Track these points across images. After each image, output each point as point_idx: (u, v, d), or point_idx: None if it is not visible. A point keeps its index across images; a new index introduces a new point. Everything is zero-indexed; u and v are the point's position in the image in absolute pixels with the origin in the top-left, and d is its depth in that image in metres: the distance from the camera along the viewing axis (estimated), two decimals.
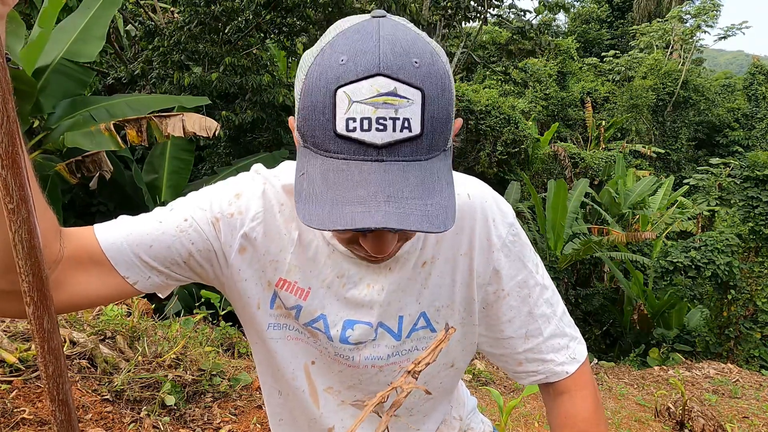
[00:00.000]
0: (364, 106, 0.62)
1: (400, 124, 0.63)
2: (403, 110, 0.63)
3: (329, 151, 0.66)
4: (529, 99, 22.46)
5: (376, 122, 0.62)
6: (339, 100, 0.63)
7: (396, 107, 0.63)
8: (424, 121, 0.64)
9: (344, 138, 0.64)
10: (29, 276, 0.48)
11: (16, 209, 0.46)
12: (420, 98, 0.64)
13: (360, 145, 0.64)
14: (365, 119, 0.62)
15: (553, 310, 0.96)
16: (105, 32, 6.65)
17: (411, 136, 0.64)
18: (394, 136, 0.63)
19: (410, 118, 0.63)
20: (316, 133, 0.66)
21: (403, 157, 0.65)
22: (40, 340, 0.49)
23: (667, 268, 10.17)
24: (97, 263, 0.80)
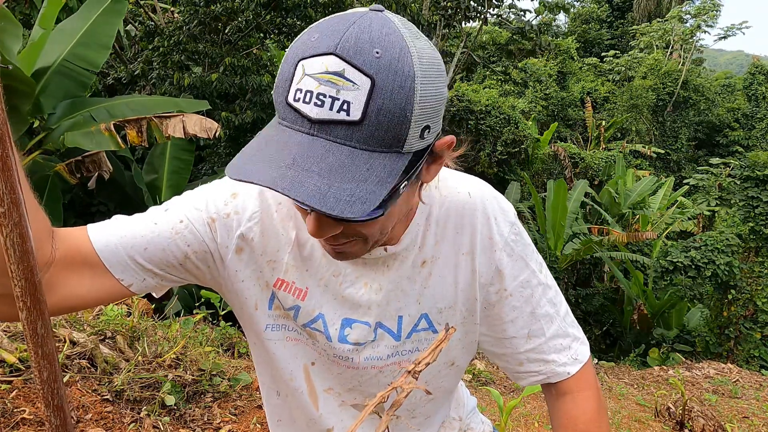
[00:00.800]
0: (311, 80, 0.64)
1: (338, 105, 0.63)
2: (345, 92, 0.63)
3: (281, 119, 0.68)
4: (529, 99, 22.46)
5: (316, 97, 0.64)
6: (297, 71, 0.65)
7: (338, 87, 0.63)
8: (367, 110, 0.63)
9: (290, 107, 0.66)
10: (22, 280, 0.48)
11: (7, 213, 0.45)
12: (369, 87, 0.63)
13: (298, 115, 0.65)
14: (308, 92, 0.64)
15: (556, 310, 0.96)
16: (111, 43, 6.66)
17: (347, 119, 0.63)
18: (329, 114, 0.63)
19: (351, 102, 0.63)
20: (278, 99, 0.68)
21: (335, 138, 0.64)
22: (33, 345, 0.49)
23: (666, 268, 10.17)
24: (91, 265, 0.79)
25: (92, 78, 6.55)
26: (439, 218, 0.90)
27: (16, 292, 0.48)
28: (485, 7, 12.53)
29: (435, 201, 0.90)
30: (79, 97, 6.50)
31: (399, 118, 0.65)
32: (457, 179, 0.94)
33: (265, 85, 9.07)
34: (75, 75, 6.27)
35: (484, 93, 16.19)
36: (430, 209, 0.90)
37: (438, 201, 0.90)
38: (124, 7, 6.87)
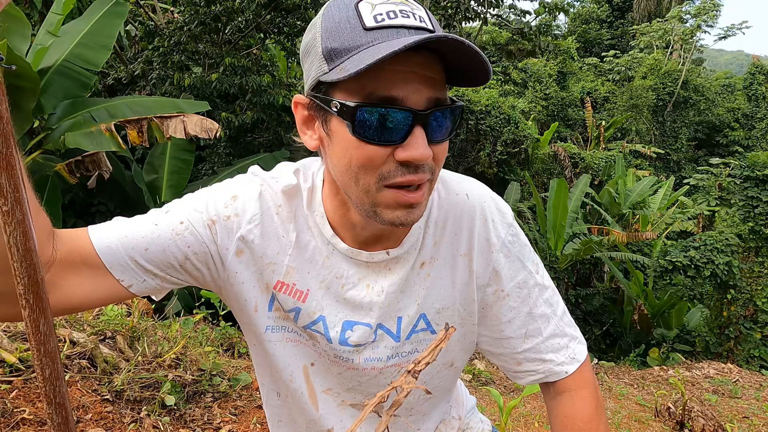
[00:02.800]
0: (387, 5, 0.71)
1: (419, 17, 0.71)
2: (417, 11, 0.72)
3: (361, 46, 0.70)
4: (529, 99, 22.46)
5: (401, 12, 0.71)
6: (362, 8, 0.71)
7: (412, 7, 0.72)
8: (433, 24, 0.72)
9: (376, 28, 0.70)
10: (25, 278, 0.48)
11: (10, 211, 0.45)
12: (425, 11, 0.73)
13: (392, 29, 0.70)
14: (391, 11, 0.70)
15: (553, 310, 0.96)
16: (112, 43, 6.68)
17: (429, 28, 0.71)
18: (416, 23, 0.71)
19: (424, 18, 0.72)
20: (345, 38, 0.70)
21: None
22: (36, 343, 0.49)
23: (666, 268, 10.17)
24: (91, 266, 0.79)
25: (93, 78, 6.55)
26: (438, 220, 0.91)
27: (19, 289, 0.48)
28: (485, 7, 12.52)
29: (434, 203, 0.91)
30: (79, 98, 6.50)
31: None
32: (456, 181, 0.94)
33: (265, 85, 9.06)
34: (75, 75, 6.28)
35: (484, 93, 16.18)
36: (430, 211, 0.91)
37: (437, 203, 0.91)
38: (126, 10, 6.88)
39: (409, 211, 0.76)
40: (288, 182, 0.89)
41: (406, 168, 0.73)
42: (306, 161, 0.94)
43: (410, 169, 0.73)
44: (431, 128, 0.73)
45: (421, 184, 0.76)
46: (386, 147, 0.72)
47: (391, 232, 0.87)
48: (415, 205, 0.76)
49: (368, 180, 0.75)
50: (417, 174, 0.74)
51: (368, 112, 0.70)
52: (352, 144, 0.73)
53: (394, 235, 0.88)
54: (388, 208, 0.76)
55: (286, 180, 0.89)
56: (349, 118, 0.71)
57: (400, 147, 0.72)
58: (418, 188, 0.76)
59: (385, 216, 0.77)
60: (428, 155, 0.73)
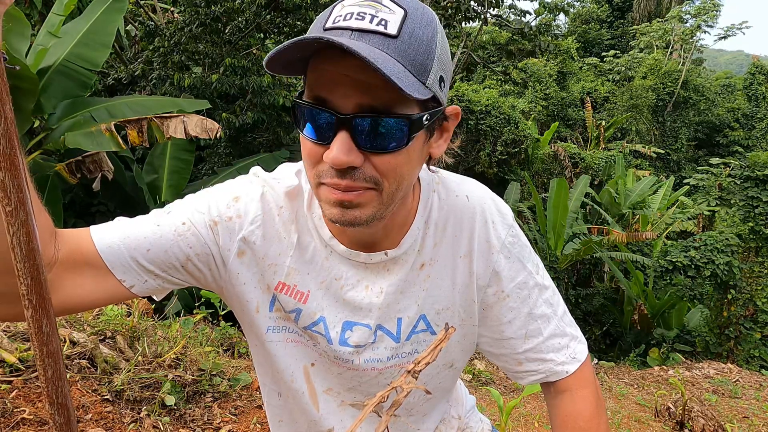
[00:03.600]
0: (352, 6, 0.70)
1: (377, 21, 0.69)
2: (383, 14, 0.70)
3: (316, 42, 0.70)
4: (529, 99, 22.46)
5: (357, 15, 0.69)
6: (335, 9, 0.72)
7: (377, 9, 0.70)
8: (401, 29, 0.69)
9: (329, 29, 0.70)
10: (27, 278, 0.48)
11: (14, 211, 0.45)
12: (403, 14, 0.70)
13: (338, 29, 0.69)
14: (349, 14, 0.70)
15: (554, 310, 0.97)
16: (111, 41, 6.66)
17: (384, 32, 0.68)
18: (369, 26, 0.68)
19: (388, 21, 0.69)
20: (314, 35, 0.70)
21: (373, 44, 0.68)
22: (38, 343, 0.49)
23: (666, 268, 10.16)
24: (93, 266, 0.79)
25: (93, 78, 6.55)
26: (438, 221, 0.91)
27: (21, 290, 0.48)
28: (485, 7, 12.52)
29: (434, 204, 0.91)
30: (79, 97, 6.50)
31: (426, 47, 0.71)
32: (456, 183, 0.95)
33: (265, 86, 9.06)
34: (75, 75, 6.28)
35: (484, 93, 16.18)
36: (430, 213, 0.91)
37: (437, 204, 0.91)
38: (125, 5, 6.87)
39: (344, 211, 0.75)
40: (290, 183, 0.89)
41: (334, 170, 0.73)
42: None
43: (338, 172, 0.73)
44: (358, 134, 0.71)
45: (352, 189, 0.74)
46: (319, 146, 0.74)
47: (385, 233, 0.87)
48: (349, 205, 0.75)
49: (310, 174, 0.77)
50: (344, 179, 0.73)
51: (299, 109, 0.74)
52: (301, 138, 0.77)
53: (391, 237, 0.88)
54: (326, 204, 0.77)
55: (288, 181, 0.90)
56: (293, 113, 0.76)
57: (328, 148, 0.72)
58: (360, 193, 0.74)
59: (325, 211, 0.78)
60: (343, 161, 0.70)
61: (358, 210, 0.75)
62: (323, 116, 0.71)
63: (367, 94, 0.69)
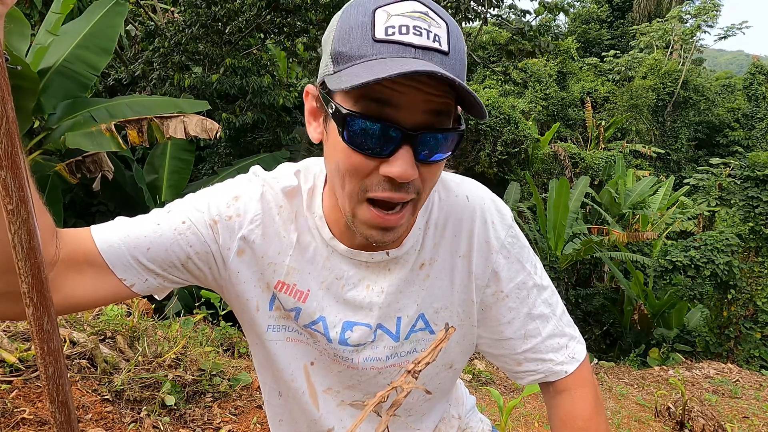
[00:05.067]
0: (403, 18, 0.69)
1: (432, 36, 0.69)
2: (434, 28, 0.70)
3: (365, 56, 0.68)
4: (529, 99, 22.47)
5: (414, 29, 0.68)
6: (378, 16, 0.69)
7: (429, 23, 0.70)
8: (449, 44, 0.70)
9: (383, 41, 0.68)
10: (29, 277, 0.48)
11: (15, 210, 0.45)
12: (446, 27, 0.71)
13: (399, 45, 0.68)
14: (404, 26, 0.68)
15: (552, 310, 0.97)
16: (113, 47, 6.66)
17: (441, 49, 0.69)
18: (428, 43, 0.68)
19: (440, 36, 0.70)
20: (353, 45, 0.69)
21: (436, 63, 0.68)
22: (39, 342, 0.49)
23: (666, 267, 10.17)
24: (94, 265, 0.80)
25: (93, 79, 6.55)
26: (438, 221, 0.91)
27: (23, 288, 0.48)
28: (485, 7, 12.52)
29: (434, 204, 0.92)
30: (79, 98, 6.50)
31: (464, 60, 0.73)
32: (456, 183, 0.95)
33: (265, 86, 9.07)
34: (76, 76, 6.28)
35: (484, 93, 16.18)
36: (430, 212, 0.91)
37: (437, 204, 0.92)
38: (125, 9, 6.88)
39: (384, 233, 0.77)
40: (288, 183, 0.90)
41: (389, 184, 0.73)
42: (308, 162, 0.95)
43: (393, 185, 0.73)
44: (420, 149, 0.72)
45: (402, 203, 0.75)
46: (372, 159, 0.72)
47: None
48: (391, 228, 0.76)
49: (352, 187, 0.75)
50: (399, 192, 0.73)
51: (357, 122, 0.70)
52: (342, 148, 0.73)
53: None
54: (364, 224, 0.77)
55: (287, 181, 0.90)
56: (341, 123, 0.71)
57: (386, 162, 0.72)
58: (401, 210, 0.76)
59: (360, 230, 0.78)
60: (411, 175, 0.71)
61: (395, 231, 0.78)
62: (387, 131, 0.70)
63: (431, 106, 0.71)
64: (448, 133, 0.73)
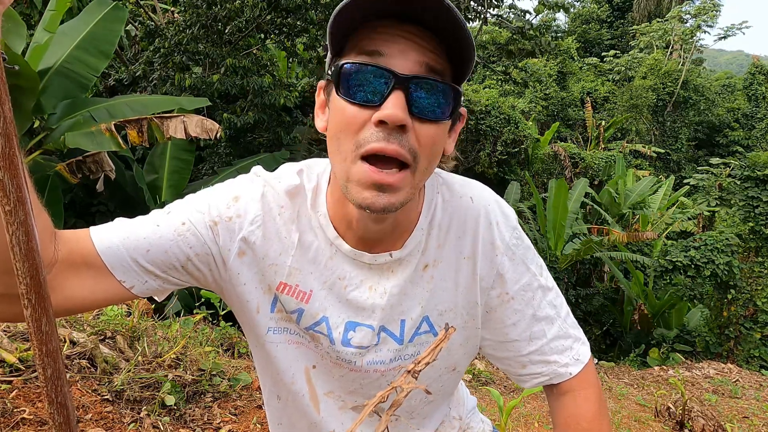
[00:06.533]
0: None
1: None
2: None
3: None
4: (529, 99, 22.47)
5: None
6: None
7: None
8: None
9: None
10: (27, 278, 0.48)
11: (13, 211, 0.45)
12: None
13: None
14: None
15: (557, 311, 0.96)
16: (112, 51, 6.68)
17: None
18: None
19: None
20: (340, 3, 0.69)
21: None
22: (38, 343, 0.49)
23: (666, 267, 10.16)
24: (93, 267, 0.79)
25: (93, 80, 6.55)
26: (442, 223, 0.91)
27: (21, 289, 0.48)
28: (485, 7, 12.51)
29: (438, 206, 0.91)
30: (79, 98, 6.50)
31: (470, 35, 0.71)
32: (459, 184, 0.94)
33: (266, 86, 9.06)
34: (75, 77, 6.28)
35: (484, 93, 16.18)
36: (434, 214, 0.91)
37: (441, 206, 0.91)
38: (125, 15, 6.89)
39: (379, 194, 0.73)
40: (291, 183, 0.89)
41: (382, 133, 0.71)
42: (311, 162, 0.94)
43: (386, 134, 0.71)
44: (413, 98, 0.71)
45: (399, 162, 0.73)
46: (365, 109, 0.72)
47: (391, 233, 0.87)
48: (386, 188, 0.73)
49: (347, 146, 0.74)
50: (392, 143, 0.71)
51: (350, 66, 0.71)
52: (339, 108, 0.74)
53: (395, 237, 0.88)
54: (358, 185, 0.74)
55: (289, 180, 0.89)
56: (336, 77, 0.73)
57: (378, 109, 0.71)
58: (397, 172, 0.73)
59: (354, 194, 0.75)
60: (401, 118, 0.70)
61: (391, 195, 0.74)
62: (378, 74, 0.70)
63: (424, 56, 0.71)
64: (440, 83, 0.72)
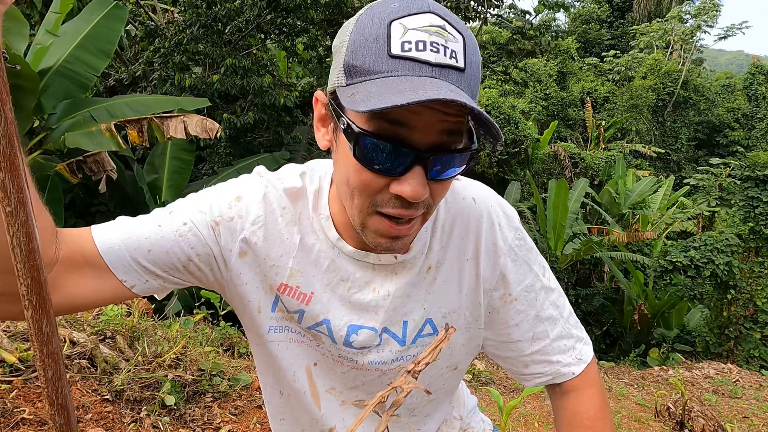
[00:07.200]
0: (419, 32, 0.66)
1: (449, 53, 0.67)
2: (451, 43, 0.68)
3: (380, 72, 0.67)
4: (529, 99, 22.47)
5: (431, 45, 0.66)
6: (393, 29, 0.67)
7: (446, 38, 0.68)
8: (466, 60, 0.69)
9: (399, 57, 0.66)
10: (27, 279, 0.48)
11: (14, 212, 0.45)
12: (462, 42, 0.69)
13: (415, 62, 0.66)
14: (420, 42, 0.66)
15: (560, 311, 0.97)
16: (113, 50, 6.68)
17: (457, 66, 0.67)
18: (445, 60, 0.67)
19: (457, 52, 0.68)
20: (368, 59, 0.67)
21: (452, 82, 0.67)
22: (38, 344, 0.49)
23: (666, 268, 10.16)
24: (94, 266, 0.79)
25: (93, 80, 6.55)
26: (445, 224, 0.91)
27: (21, 290, 0.48)
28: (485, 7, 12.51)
29: (441, 207, 0.91)
30: (79, 97, 6.50)
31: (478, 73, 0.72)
32: (462, 185, 0.94)
33: (266, 86, 9.06)
34: (75, 76, 6.28)
35: (484, 93, 16.18)
36: (437, 215, 0.91)
37: (443, 207, 0.91)
38: (125, 14, 6.89)
39: (394, 241, 0.77)
40: (293, 184, 0.89)
41: (399, 201, 0.73)
42: (313, 164, 0.94)
43: (404, 203, 0.73)
44: (431, 168, 0.72)
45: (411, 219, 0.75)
46: (383, 177, 0.72)
47: None
48: (401, 237, 0.77)
49: (362, 202, 0.75)
50: (409, 210, 0.73)
51: (370, 141, 0.69)
52: (352, 164, 0.73)
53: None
54: (374, 233, 0.77)
55: (291, 182, 0.89)
56: (353, 140, 0.70)
57: (397, 180, 0.71)
58: (409, 221, 0.76)
59: (370, 239, 0.78)
60: (422, 195, 0.71)
61: (404, 240, 0.78)
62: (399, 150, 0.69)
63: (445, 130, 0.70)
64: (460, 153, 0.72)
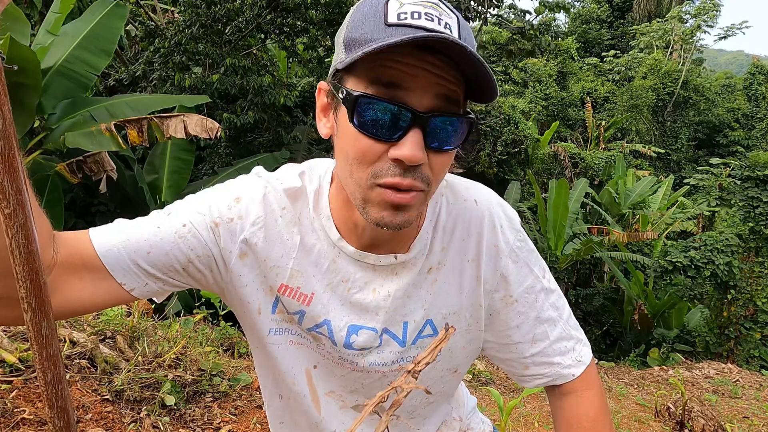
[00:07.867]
0: (415, 6, 0.69)
1: (444, 24, 0.69)
2: (445, 17, 0.70)
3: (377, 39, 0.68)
4: (529, 99, 22.45)
5: (425, 15, 0.69)
6: (390, 4, 0.70)
7: (440, 11, 0.70)
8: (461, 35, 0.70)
9: (395, 25, 0.68)
10: (27, 281, 0.48)
11: (12, 214, 0.45)
12: (456, 19, 0.71)
13: (410, 28, 0.67)
14: (415, 12, 0.69)
15: (559, 313, 0.97)
16: (113, 49, 6.68)
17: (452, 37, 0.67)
18: (440, 28, 0.68)
19: (451, 25, 0.70)
20: (365, 30, 0.69)
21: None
22: (38, 347, 0.49)
23: (666, 268, 10.16)
24: (93, 269, 0.78)
25: (93, 80, 6.55)
26: (446, 225, 0.91)
27: (21, 293, 0.48)
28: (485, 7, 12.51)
29: (442, 208, 0.91)
30: (79, 97, 6.50)
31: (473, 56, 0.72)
32: (464, 187, 0.94)
33: (265, 85, 9.06)
34: (76, 76, 6.28)
35: None
36: (438, 216, 0.91)
37: (445, 209, 0.91)
38: (126, 12, 6.88)
39: (395, 213, 0.74)
40: (292, 184, 0.88)
41: (398, 168, 0.72)
42: (312, 163, 0.94)
43: (402, 170, 0.72)
44: (430, 133, 0.71)
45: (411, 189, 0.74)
46: (381, 143, 0.71)
47: (396, 235, 0.87)
48: (403, 207, 0.74)
49: (361, 175, 0.74)
50: (407, 178, 0.72)
51: (368, 102, 0.70)
52: (351, 134, 0.73)
53: (401, 240, 0.88)
54: (375, 206, 0.75)
55: (291, 182, 0.89)
56: (351, 106, 0.71)
57: (395, 145, 0.71)
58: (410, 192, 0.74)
59: (372, 214, 0.76)
60: (420, 158, 0.71)
61: (406, 213, 0.75)
62: (396, 111, 0.69)
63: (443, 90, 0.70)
64: (458, 117, 0.72)
